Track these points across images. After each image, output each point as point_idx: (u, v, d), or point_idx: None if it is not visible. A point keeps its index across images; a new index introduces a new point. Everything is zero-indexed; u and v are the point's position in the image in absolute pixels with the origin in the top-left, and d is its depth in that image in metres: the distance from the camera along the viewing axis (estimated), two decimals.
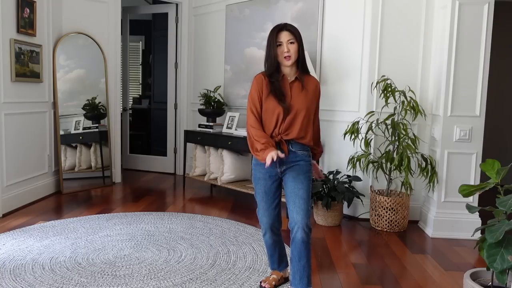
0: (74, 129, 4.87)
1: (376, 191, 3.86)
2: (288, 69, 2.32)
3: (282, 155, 2.21)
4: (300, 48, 2.30)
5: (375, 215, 3.76)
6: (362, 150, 3.82)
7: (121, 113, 5.81)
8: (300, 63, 2.33)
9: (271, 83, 2.30)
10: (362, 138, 3.80)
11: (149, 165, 6.18)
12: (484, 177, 2.79)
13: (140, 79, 8.05)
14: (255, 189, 2.40)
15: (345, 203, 3.91)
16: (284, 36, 2.27)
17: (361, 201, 3.98)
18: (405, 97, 3.62)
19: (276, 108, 2.27)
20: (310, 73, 2.42)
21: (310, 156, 2.39)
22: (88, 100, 4.97)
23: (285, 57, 2.26)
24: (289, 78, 2.33)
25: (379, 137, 3.83)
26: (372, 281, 2.71)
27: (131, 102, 7.20)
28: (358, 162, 3.77)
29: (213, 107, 5.04)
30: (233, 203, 4.56)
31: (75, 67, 4.87)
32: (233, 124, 4.76)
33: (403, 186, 3.67)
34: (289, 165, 2.31)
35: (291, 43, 2.27)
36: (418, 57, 3.84)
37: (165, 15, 5.89)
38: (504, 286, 2.11)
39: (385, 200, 3.67)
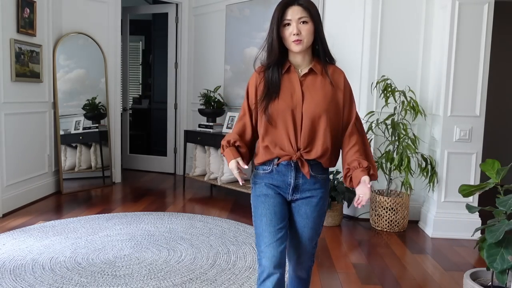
0: (74, 129, 4.87)
1: (376, 191, 3.86)
2: (299, 58, 1.71)
3: (244, 166, 1.73)
4: (317, 30, 1.68)
5: (375, 215, 3.76)
6: None
7: (121, 113, 5.81)
8: (319, 48, 1.71)
9: (267, 78, 1.71)
10: None
11: (149, 165, 6.17)
12: (484, 177, 2.79)
13: (140, 79, 8.04)
14: (255, 212, 1.76)
15: (345, 203, 3.91)
16: (294, 13, 1.64)
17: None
18: (405, 97, 3.62)
19: (285, 112, 1.67)
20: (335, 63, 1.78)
21: (329, 181, 1.82)
22: (88, 100, 4.97)
23: (293, 41, 1.64)
24: (299, 70, 1.72)
25: (379, 137, 3.83)
26: (372, 281, 2.71)
27: (131, 102, 7.20)
28: None
29: (213, 107, 5.04)
30: (233, 203, 4.56)
31: (75, 67, 4.87)
32: (233, 124, 4.76)
33: (403, 186, 3.67)
34: (304, 194, 1.73)
35: (303, 22, 1.64)
36: (418, 57, 3.84)
37: (165, 15, 5.89)
38: (504, 286, 2.11)
39: (385, 200, 3.67)
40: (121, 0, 5.26)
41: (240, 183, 1.73)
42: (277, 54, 1.68)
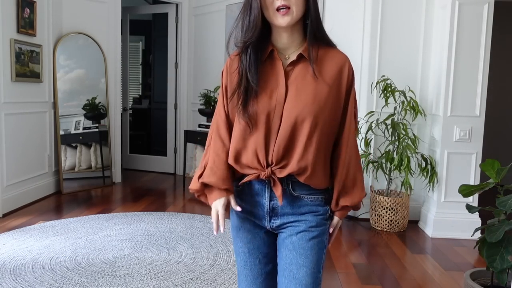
0: (74, 129, 4.87)
1: (376, 191, 3.86)
2: (285, 38, 1.25)
3: (237, 209, 1.31)
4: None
5: (375, 215, 3.76)
6: (362, 150, 3.82)
7: (121, 113, 5.81)
8: (311, 25, 1.25)
9: (242, 64, 1.24)
10: (362, 138, 3.81)
11: (149, 165, 6.17)
12: (484, 177, 2.79)
13: (140, 79, 8.05)
14: (234, 248, 1.41)
15: None
16: None
17: (361, 201, 3.97)
18: (405, 97, 3.62)
19: (261, 114, 1.22)
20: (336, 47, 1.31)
21: (327, 205, 1.32)
22: (88, 100, 4.97)
23: (279, 9, 1.19)
24: (286, 56, 1.27)
25: (379, 137, 3.83)
26: (372, 281, 2.71)
27: (131, 102, 7.20)
28: None
29: (213, 107, 5.04)
30: None
31: (75, 67, 4.87)
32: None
33: (403, 186, 3.67)
34: (287, 218, 1.28)
35: None
36: (418, 57, 3.85)
37: (165, 15, 5.89)
38: (504, 286, 2.11)
39: (385, 200, 3.67)
40: (121, 0, 5.26)
41: (215, 233, 1.32)
42: (259, 28, 1.20)
